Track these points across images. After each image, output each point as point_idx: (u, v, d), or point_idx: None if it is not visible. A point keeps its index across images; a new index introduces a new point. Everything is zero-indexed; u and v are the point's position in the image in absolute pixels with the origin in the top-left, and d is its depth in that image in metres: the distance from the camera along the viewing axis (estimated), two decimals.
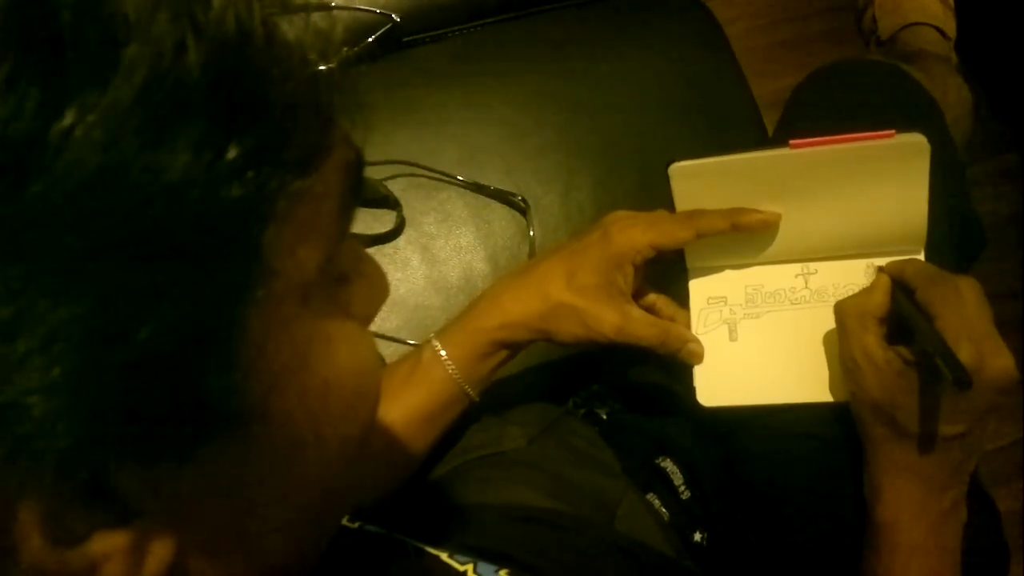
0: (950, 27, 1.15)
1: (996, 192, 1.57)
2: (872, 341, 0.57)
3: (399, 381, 0.66)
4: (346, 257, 0.32)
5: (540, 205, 0.90)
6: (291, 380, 0.28)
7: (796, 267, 0.67)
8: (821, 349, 0.64)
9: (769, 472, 0.68)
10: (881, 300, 0.58)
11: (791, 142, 0.59)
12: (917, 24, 1.12)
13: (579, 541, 0.60)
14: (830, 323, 0.63)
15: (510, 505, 0.64)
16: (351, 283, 0.33)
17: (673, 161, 0.62)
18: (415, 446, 0.66)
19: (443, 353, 0.65)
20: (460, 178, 0.88)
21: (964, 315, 0.53)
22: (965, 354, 0.51)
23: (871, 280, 0.64)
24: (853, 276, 0.65)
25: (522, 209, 0.88)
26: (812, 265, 0.66)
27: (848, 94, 0.74)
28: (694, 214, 0.63)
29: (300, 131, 0.25)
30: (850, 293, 0.65)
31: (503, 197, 0.88)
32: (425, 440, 0.66)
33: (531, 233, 0.87)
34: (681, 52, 0.99)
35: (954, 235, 0.74)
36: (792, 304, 0.66)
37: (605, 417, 0.78)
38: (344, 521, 0.52)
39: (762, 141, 0.93)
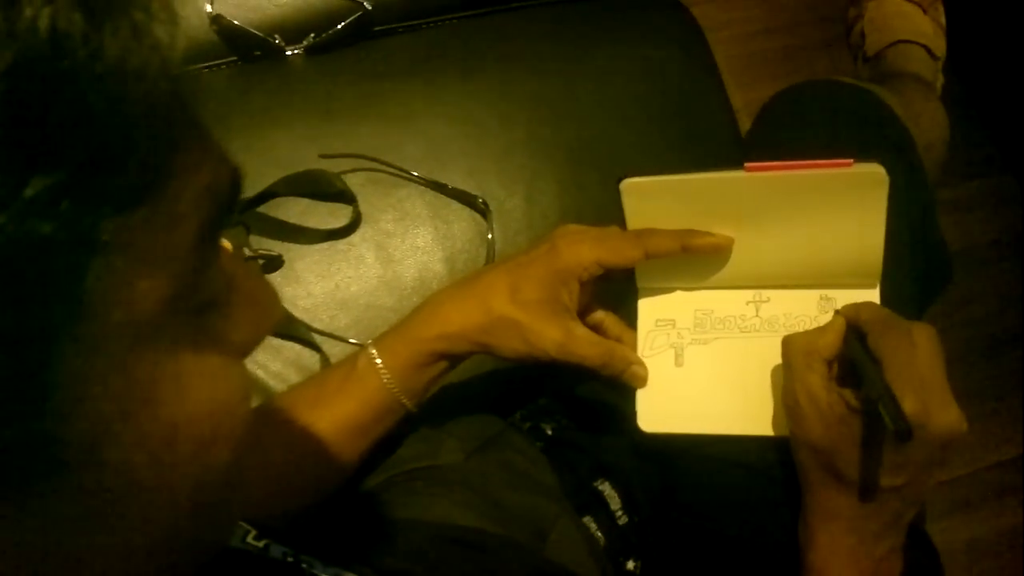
0: (939, 47, 1.13)
1: (991, 214, 1.55)
2: (817, 382, 0.55)
3: (332, 388, 0.64)
4: (217, 282, 0.29)
5: (502, 208, 0.87)
6: (128, 425, 0.25)
7: (748, 294, 0.65)
8: (768, 381, 0.62)
9: (707, 502, 0.66)
10: (831, 341, 0.56)
11: (746, 165, 0.57)
12: (905, 42, 1.09)
13: (502, 566, 0.59)
14: (779, 355, 0.61)
15: (436, 523, 0.62)
16: (228, 309, 0.31)
17: (625, 176, 0.60)
18: (345, 456, 0.64)
19: (379, 361, 0.63)
20: (421, 176, 0.86)
21: (914, 365, 0.51)
22: (910, 405, 0.49)
23: (823, 313, 0.63)
24: (805, 307, 0.63)
25: (482, 211, 0.85)
26: (764, 293, 0.64)
27: (815, 116, 0.72)
28: (644, 233, 0.61)
29: (132, 157, 0.23)
30: (801, 324, 0.63)
31: (464, 198, 0.86)
32: (357, 450, 0.64)
33: (489, 236, 0.84)
34: (658, 56, 0.96)
35: (918, 267, 0.72)
36: (741, 332, 0.64)
37: (550, 433, 0.76)
38: (250, 539, 0.50)
39: (736, 155, 0.91)
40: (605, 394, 0.77)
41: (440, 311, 0.63)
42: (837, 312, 0.58)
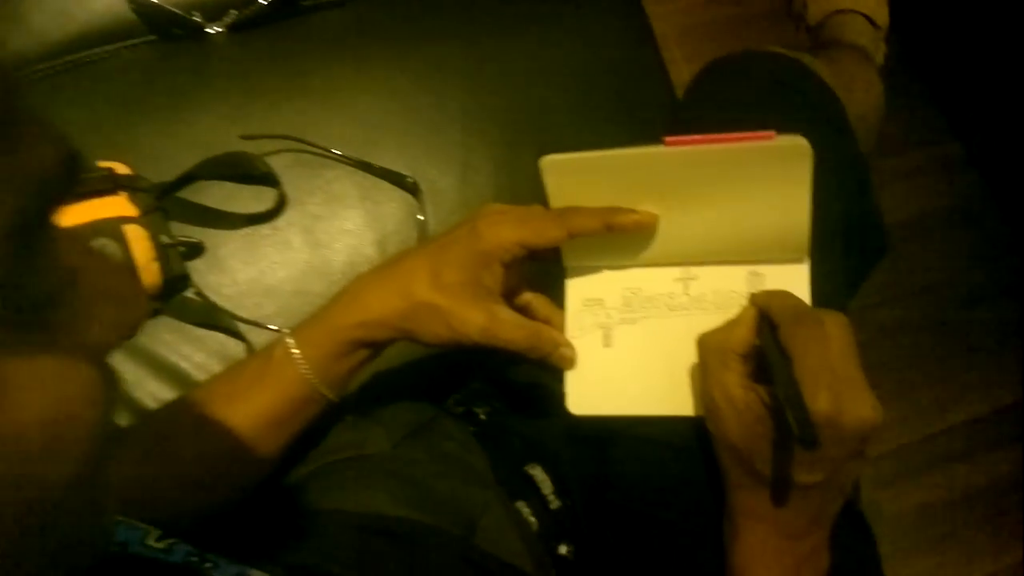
0: (881, 16, 1.12)
1: (940, 181, 1.56)
2: (732, 380, 0.54)
3: (247, 381, 0.61)
4: (53, 277, 0.26)
5: (435, 188, 0.85)
6: None
7: (676, 271, 0.63)
8: (697, 360, 0.60)
9: (639, 485, 0.65)
10: (744, 336, 0.55)
11: (665, 139, 0.55)
12: (846, 12, 1.08)
13: (429, 556, 0.57)
14: (708, 330, 0.59)
15: (361, 514, 0.60)
16: (71, 307, 0.28)
17: (544, 154, 0.58)
18: (264, 450, 0.62)
19: (296, 351, 0.60)
20: (348, 155, 0.83)
21: (826, 358, 0.50)
22: (822, 402, 0.48)
23: (753, 289, 0.61)
24: (734, 283, 0.62)
25: (412, 191, 0.83)
26: (692, 270, 0.62)
27: (742, 88, 0.70)
28: (566, 212, 0.59)
29: None
30: (730, 301, 0.61)
31: (393, 177, 0.83)
32: (276, 443, 0.62)
33: (420, 218, 0.82)
34: (596, 31, 0.94)
35: (852, 240, 0.71)
36: (670, 310, 0.63)
37: (483, 417, 0.74)
38: (151, 540, 0.48)
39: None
40: (540, 376, 0.75)
41: (359, 297, 0.61)
42: (752, 298, 0.56)
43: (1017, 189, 1.57)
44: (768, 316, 0.54)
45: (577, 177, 0.59)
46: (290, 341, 0.61)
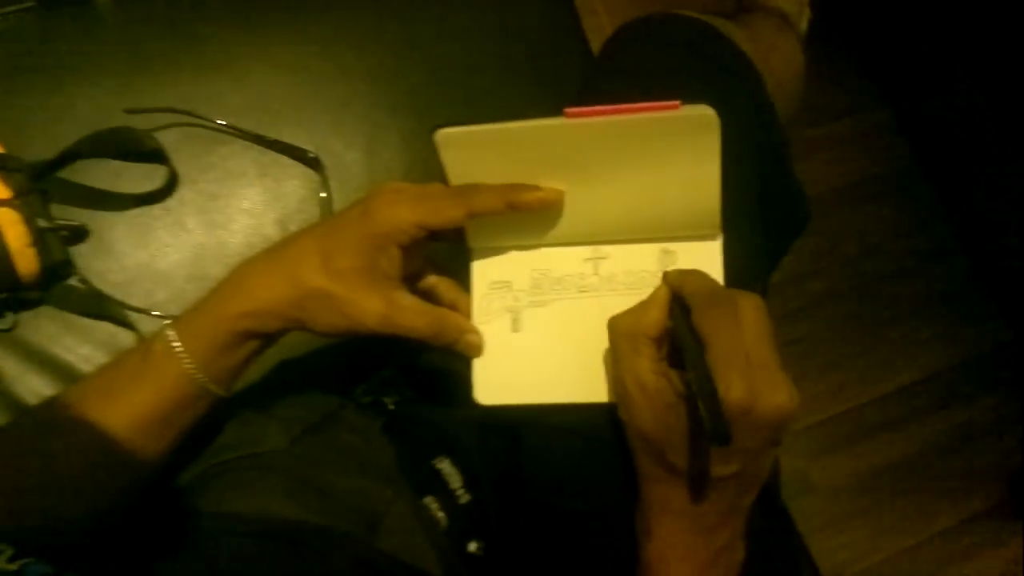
0: None
1: (868, 150, 1.55)
2: (644, 366, 0.50)
3: (125, 377, 0.56)
4: None
5: (341, 163, 0.80)
6: None
7: (586, 250, 0.59)
8: (608, 344, 0.57)
9: (552, 476, 0.62)
10: (656, 318, 0.51)
11: (565, 111, 0.51)
12: None
13: (324, 561, 0.53)
14: (619, 311, 0.56)
15: (252, 518, 0.56)
16: None
17: (439, 126, 0.54)
18: (147, 452, 0.57)
19: (177, 345, 0.55)
20: (245, 130, 0.78)
21: (740, 342, 0.47)
22: (736, 391, 0.45)
23: (665, 268, 0.58)
24: (645, 262, 0.58)
25: (314, 166, 0.78)
26: (603, 249, 0.59)
27: (656, 54, 0.67)
28: (466, 190, 0.55)
29: None
30: (642, 281, 0.58)
31: (294, 152, 0.78)
32: (160, 444, 0.57)
33: (323, 195, 0.77)
34: None
35: (771, 212, 0.68)
36: (580, 292, 0.59)
37: (392, 407, 0.70)
38: (1, 562, 0.43)
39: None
40: (453, 363, 0.71)
41: (244, 285, 0.56)
42: (665, 276, 0.53)
43: (946, 156, 1.57)
44: (680, 298, 0.51)
45: (475, 152, 0.55)
46: (170, 333, 0.56)
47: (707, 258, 0.58)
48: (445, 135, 0.54)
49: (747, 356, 0.47)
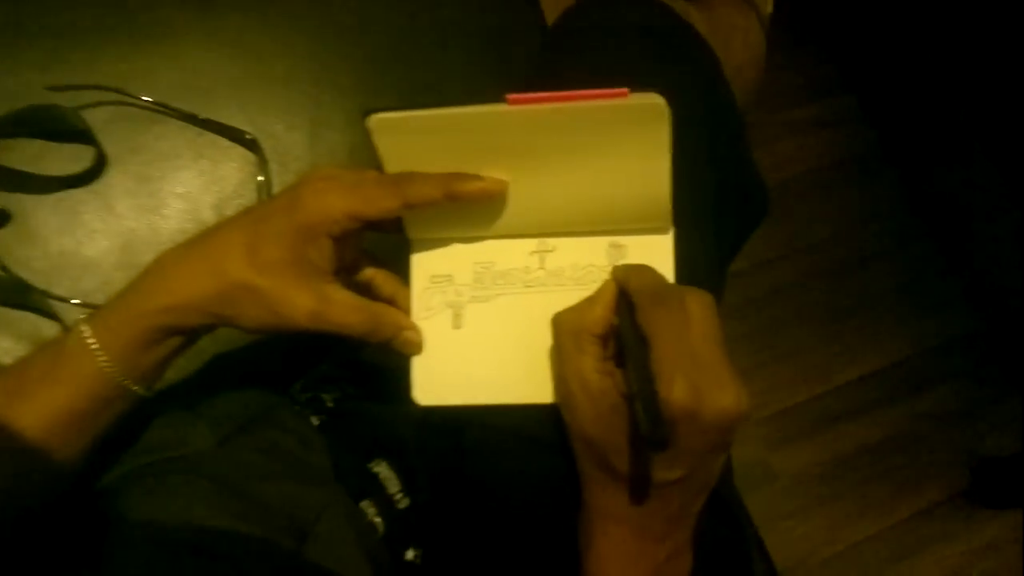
0: None
1: (833, 135, 1.53)
2: (588, 365, 0.48)
3: (36, 375, 0.52)
4: None
5: (281, 145, 0.76)
6: None
7: (532, 243, 0.56)
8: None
9: (494, 480, 0.59)
10: (601, 315, 0.49)
11: (507, 96, 0.47)
12: None
13: (241, 573, 0.50)
14: (566, 307, 0.53)
15: (172, 526, 0.52)
16: None
17: (372, 110, 0.50)
18: (62, 454, 0.53)
19: (92, 341, 0.52)
20: (179, 109, 0.73)
21: (686, 342, 0.44)
22: (679, 392, 0.42)
23: (614, 262, 0.55)
24: (594, 256, 0.55)
25: (252, 148, 0.74)
26: (549, 241, 0.56)
27: (608, 37, 0.63)
28: (403, 179, 0.52)
29: None
30: (590, 276, 0.55)
31: (230, 133, 0.74)
32: (76, 446, 0.54)
33: (260, 178, 0.73)
34: None
35: (727, 203, 0.65)
36: (526, 286, 0.56)
37: (331, 405, 0.67)
38: None
39: None
40: (395, 358, 0.68)
41: (165, 277, 0.53)
42: (614, 270, 0.50)
43: (910, 143, 1.55)
44: (627, 294, 0.48)
45: (412, 138, 0.51)
46: (85, 329, 0.52)
47: (658, 252, 0.55)
48: (379, 120, 0.50)
49: (693, 356, 0.44)
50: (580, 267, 0.55)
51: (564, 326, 0.50)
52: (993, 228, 1.54)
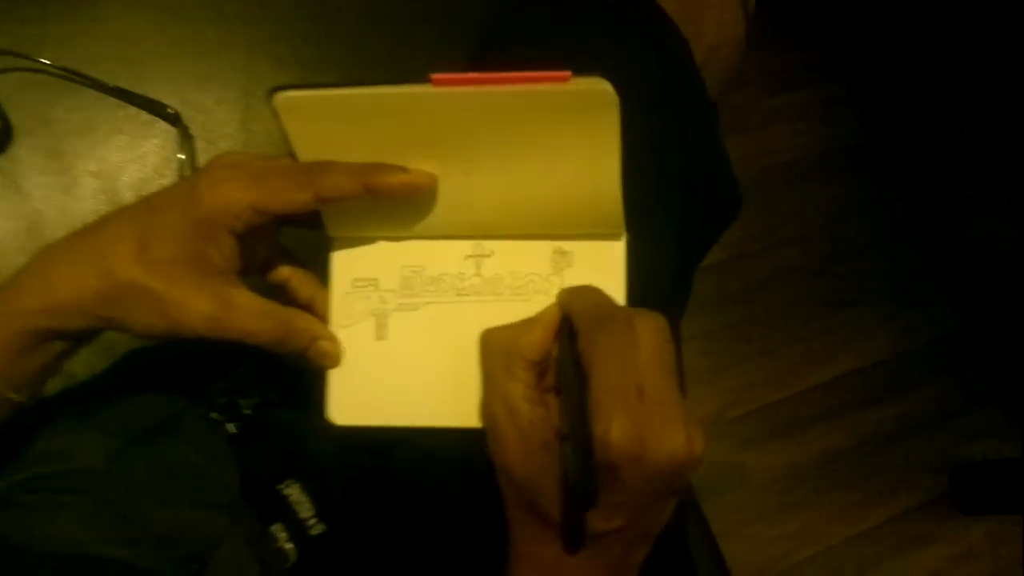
0: None
1: (820, 124, 1.46)
2: (517, 392, 0.42)
3: None
4: None
5: (210, 120, 0.69)
6: None
7: (467, 245, 0.50)
8: None
9: (423, 509, 0.53)
10: (539, 338, 0.43)
11: (432, 76, 0.41)
12: None
13: None
14: (503, 320, 0.47)
15: (51, 553, 0.46)
16: None
17: (278, 89, 0.43)
18: None
19: None
20: (96, 78, 0.66)
21: (631, 374, 0.38)
22: (619, 432, 0.36)
23: (557, 272, 0.49)
24: (536, 263, 0.49)
25: (173, 123, 0.67)
26: (487, 245, 0.49)
27: (561, 9, 0.56)
28: (315, 169, 0.45)
29: None
30: (531, 285, 0.49)
31: (151, 106, 0.67)
32: None
33: (180, 156, 0.66)
34: None
35: (696, 200, 0.59)
36: (459, 295, 0.50)
37: (248, 412, 0.60)
38: None
39: None
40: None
41: (45, 274, 0.46)
42: (560, 292, 0.44)
43: (901, 132, 1.49)
44: (569, 320, 0.42)
45: (326, 122, 0.44)
46: None
47: (607, 260, 0.48)
48: (285, 100, 0.43)
49: (640, 390, 0.38)
50: (520, 275, 0.49)
51: (493, 345, 0.44)
52: (983, 225, 1.49)
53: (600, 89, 0.40)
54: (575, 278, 0.49)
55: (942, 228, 1.47)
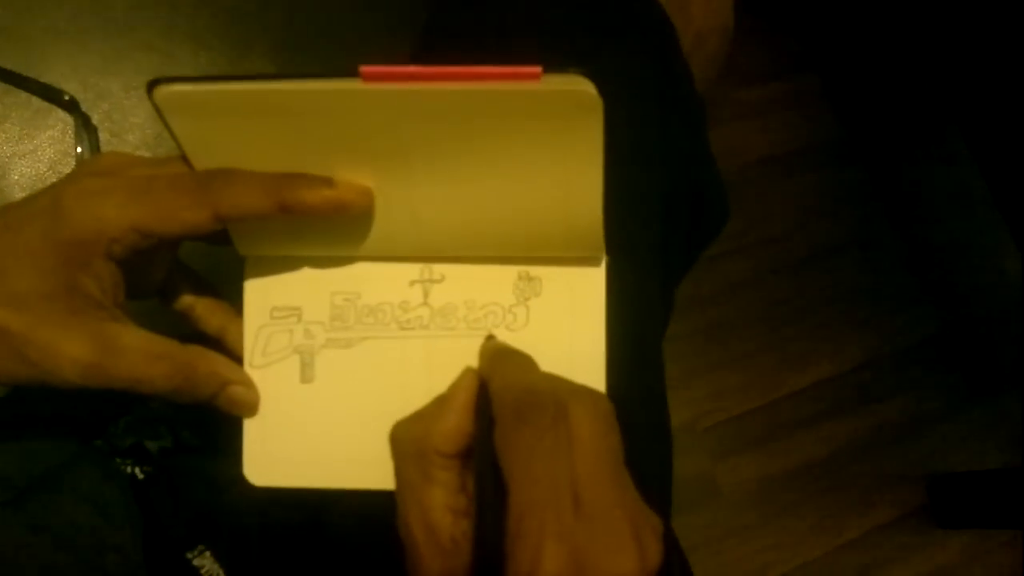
0: None
1: (790, 118, 1.39)
2: (436, 500, 0.33)
3: None
4: None
5: (116, 109, 0.60)
6: None
7: (414, 269, 0.41)
8: None
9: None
10: (454, 425, 0.34)
11: (362, 69, 0.32)
12: None
13: None
14: (457, 364, 0.38)
15: None
16: None
17: (159, 81, 0.34)
18: None
19: None
20: None
21: (563, 481, 0.30)
22: (550, 563, 0.28)
23: (522, 302, 0.40)
24: (496, 292, 0.40)
25: (71, 111, 0.57)
26: (437, 268, 0.41)
27: None
28: (214, 181, 0.36)
29: None
30: (491, 319, 0.40)
31: (45, 92, 0.57)
32: None
33: (78, 150, 0.57)
34: None
35: (680, 209, 0.51)
36: (401, 329, 0.41)
37: (156, 455, 0.51)
38: None
39: None
40: None
41: None
42: (481, 355, 0.36)
43: (877, 129, 1.43)
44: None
45: (226, 123, 0.35)
46: None
47: (584, 288, 0.40)
48: (169, 96, 0.34)
49: (576, 501, 0.30)
50: (477, 305, 0.40)
51: (404, 444, 0.36)
52: (963, 224, 1.43)
53: (579, 90, 0.31)
54: (544, 309, 0.40)
55: (923, 227, 1.41)
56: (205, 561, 0.45)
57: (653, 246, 0.48)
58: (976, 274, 1.41)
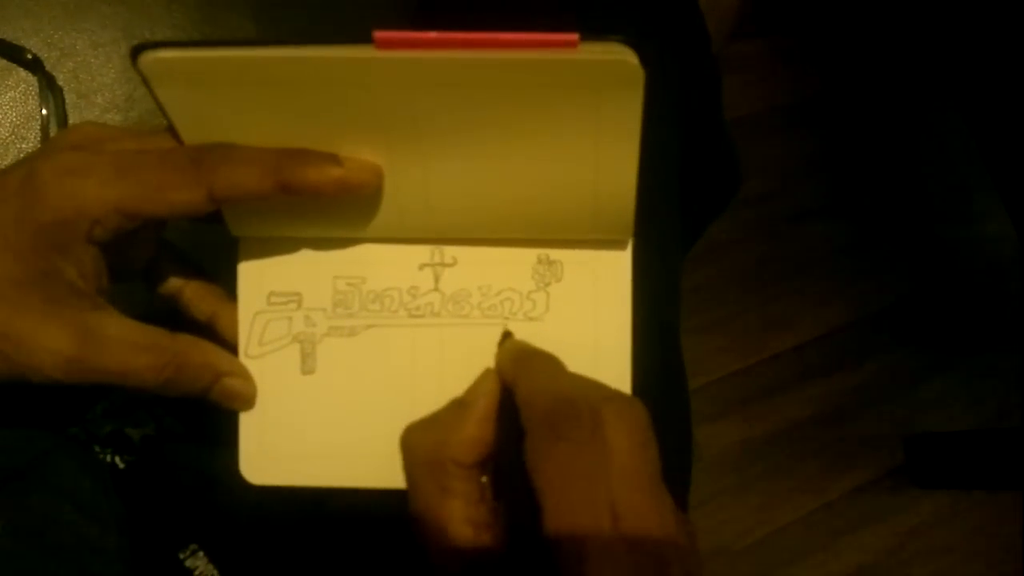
0: None
1: (774, 76, 1.36)
2: (456, 513, 0.31)
3: None
4: None
5: (84, 69, 0.55)
6: None
7: (423, 251, 0.38)
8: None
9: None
10: (473, 435, 0.32)
11: (375, 34, 0.28)
12: None
13: None
14: (472, 356, 0.36)
15: None
16: None
17: (144, 47, 0.30)
18: None
19: None
20: None
21: (601, 497, 0.28)
22: None
23: (541, 288, 0.37)
24: (514, 277, 0.38)
25: (34, 70, 0.53)
26: (449, 251, 0.38)
27: None
28: (209, 157, 0.32)
29: None
30: (508, 306, 0.38)
31: (5, 50, 0.53)
32: None
33: (43, 112, 0.52)
34: None
35: (694, 179, 0.48)
36: (410, 317, 0.38)
37: (140, 442, 0.48)
38: None
39: None
40: None
41: None
42: (499, 355, 0.33)
43: (861, 86, 1.40)
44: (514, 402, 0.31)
45: (219, 94, 0.31)
46: None
47: (609, 273, 0.37)
48: (156, 63, 0.30)
49: (613, 520, 0.27)
50: (493, 292, 0.38)
51: (417, 453, 0.33)
52: (947, 182, 1.42)
53: (620, 60, 0.28)
54: (565, 296, 0.37)
55: (906, 186, 1.40)
56: (199, 562, 0.42)
57: (673, 220, 0.45)
58: (953, 236, 1.41)
